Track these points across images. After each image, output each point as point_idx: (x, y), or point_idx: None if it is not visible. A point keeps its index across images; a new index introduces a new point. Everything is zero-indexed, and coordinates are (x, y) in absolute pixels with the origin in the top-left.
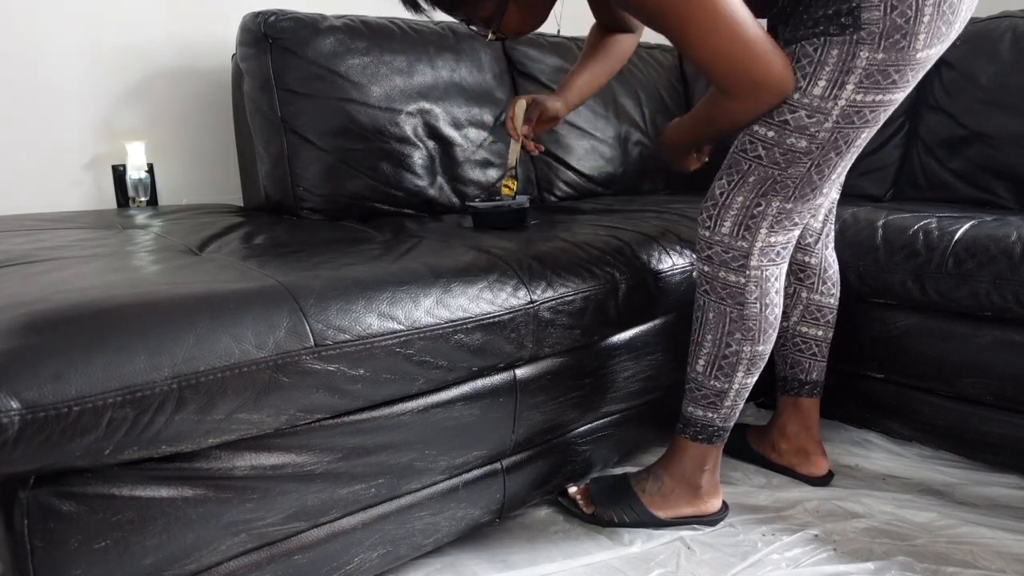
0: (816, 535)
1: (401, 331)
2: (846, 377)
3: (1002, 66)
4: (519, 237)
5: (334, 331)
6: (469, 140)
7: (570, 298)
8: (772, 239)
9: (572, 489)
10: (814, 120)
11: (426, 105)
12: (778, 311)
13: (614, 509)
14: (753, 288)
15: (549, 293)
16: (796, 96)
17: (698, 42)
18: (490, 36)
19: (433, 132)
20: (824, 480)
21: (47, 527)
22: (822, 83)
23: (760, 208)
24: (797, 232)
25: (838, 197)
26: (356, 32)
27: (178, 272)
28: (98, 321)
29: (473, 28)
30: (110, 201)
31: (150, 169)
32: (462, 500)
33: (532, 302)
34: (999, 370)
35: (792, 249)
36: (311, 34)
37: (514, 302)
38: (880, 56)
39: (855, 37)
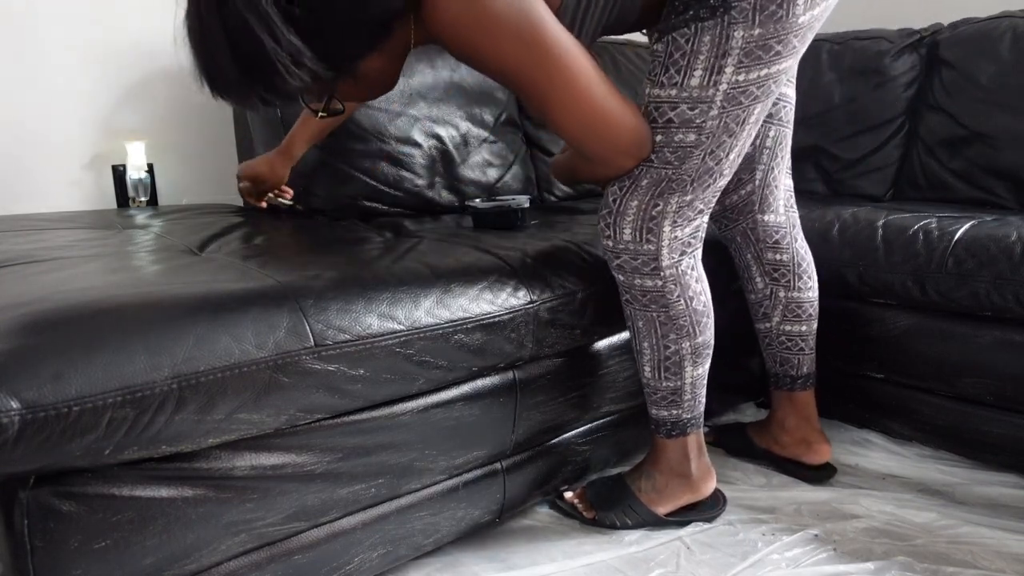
0: (816, 535)
1: (401, 331)
2: (846, 377)
3: (1002, 66)
4: (519, 237)
5: (334, 331)
6: (469, 140)
7: (570, 298)
8: (677, 233)
9: (569, 494)
10: (697, 111)
11: (426, 105)
12: (705, 297)
13: (615, 513)
14: (672, 287)
15: (549, 293)
16: (674, 92)
17: (558, 111)
18: (320, 114)
19: (433, 132)
20: (828, 467)
21: (47, 527)
22: (698, 72)
23: (659, 208)
24: (704, 218)
25: (791, 184)
26: None
27: (178, 272)
28: (98, 321)
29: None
30: (110, 201)
31: (150, 169)
32: (462, 500)
33: (532, 302)
34: (999, 370)
35: (703, 234)
36: None
37: (514, 302)
38: (757, 32)
39: (726, 19)
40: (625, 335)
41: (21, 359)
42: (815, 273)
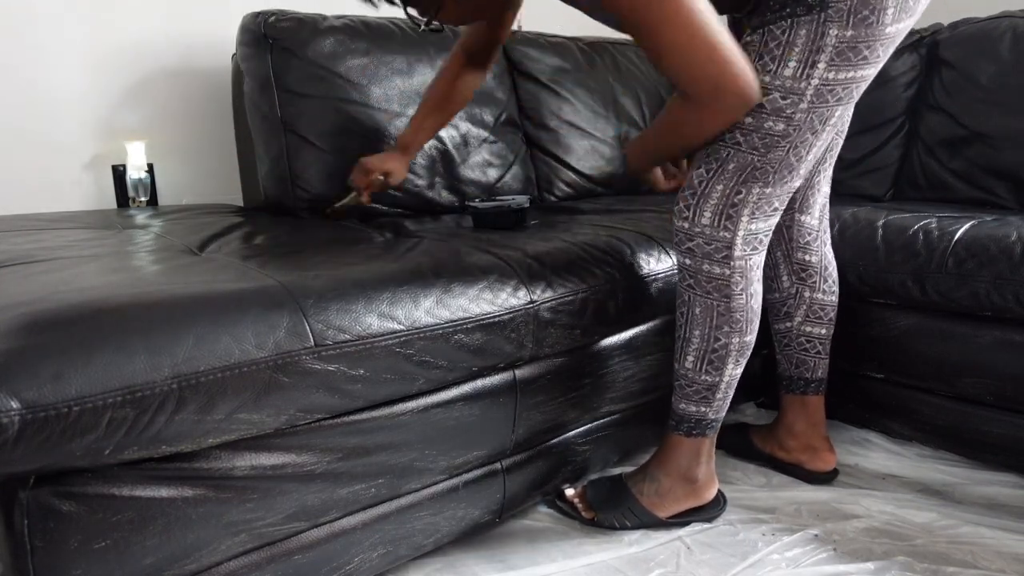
0: (816, 535)
1: (401, 331)
2: (846, 377)
3: (1002, 66)
4: (519, 237)
5: (334, 331)
6: (469, 140)
7: (570, 298)
8: (753, 226)
9: (569, 492)
10: (788, 101)
11: None
12: (760, 299)
13: (615, 514)
14: (739, 279)
15: (549, 293)
16: (767, 79)
17: (671, 45)
18: (423, 25)
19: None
20: (832, 475)
21: (47, 527)
22: (792, 64)
23: (740, 196)
24: (777, 218)
25: (829, 191)
26: (356, 32)
27: (178, 272)
28: (98, 321)
29: (411, 16)
30: (110, 201)
31: (150, 169)
32: (462, 500)
33: (532, 302)
34: (999, 370)
35: (771, 236)
36: (311, 34)
37: (514, 302)
38: (849, 33)
39: (822, 16)
40: (625, 335)
41: (21, 359)
42: (838, 280)
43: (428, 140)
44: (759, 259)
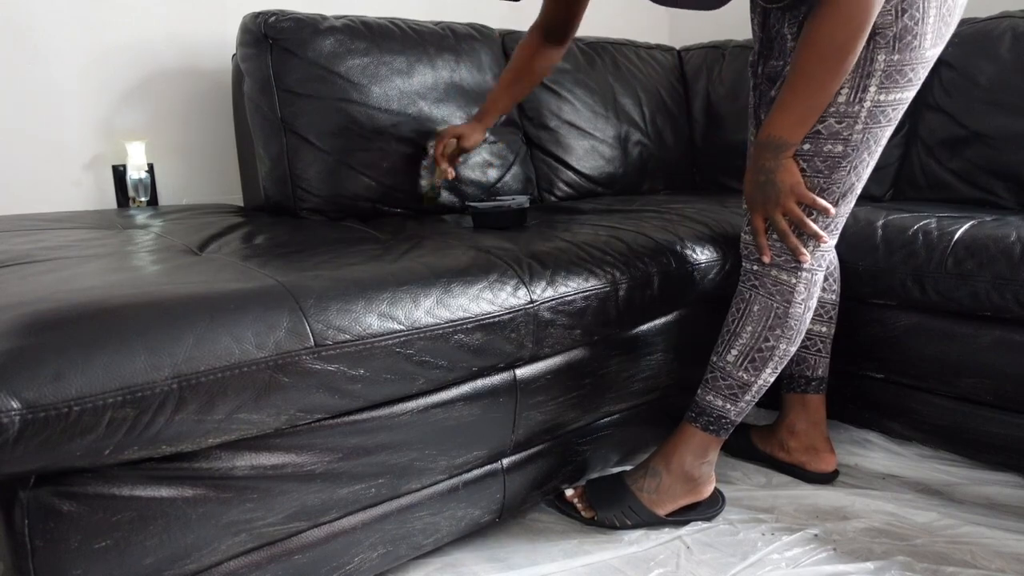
0: (816, 535)
1: (401, 331)
2: (846, 377)
3: (1002, 66)
4: (519, 237)
5: (334, 331)
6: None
7: (570, 298)
8: (822, 244)
9: (569, 492)
10: (844, 125)
11: (426, 105)
12: (811, 315)
13: (615, 513)
14: (802, 289)
15: (549, 293)
16: None
17: None
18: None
19: (433, 132)
20: (832, 476)
21: (47, 527)
22: (845, 91)
23: (812, 217)
24: (833, 241)
25: None
26: (356, 32)
27: (178, 272)
28: (98, 321)
29: None
30: (110, 201)
31: (150, 169)
32: (462, 500)
33: (532, 302)
34: (999, 370)
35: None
36: (311, 34)
37: (514, 302)
38: (896, 57)
39: (871, 44)
40: (625, 335)
41: (21, 359)
42: (840, 279)
43: (506, 111)
44: (821, 276)
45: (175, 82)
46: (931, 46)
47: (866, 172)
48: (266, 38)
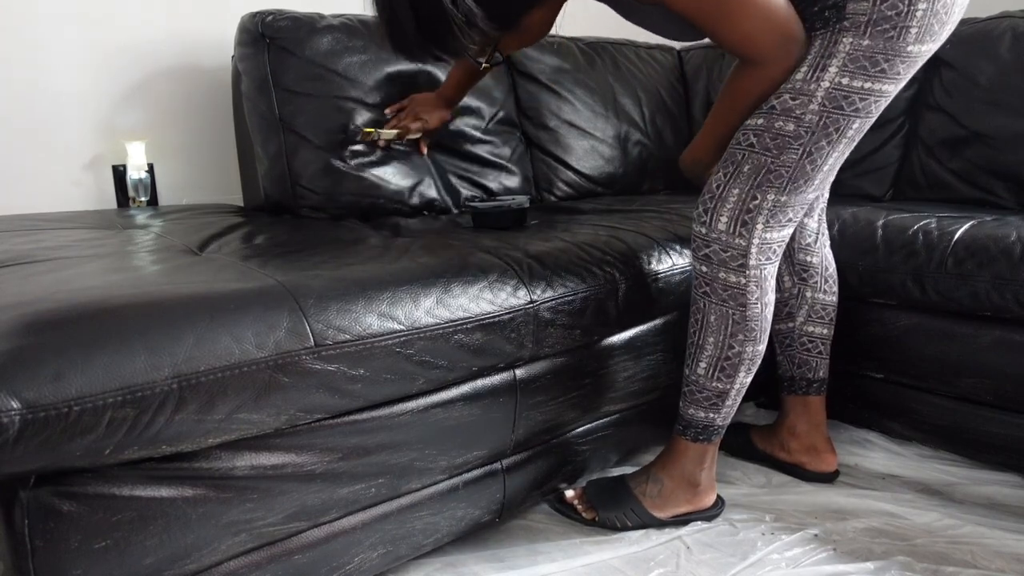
0: (816, 535)
1: (401, 331)
2: (846, 377)
3: (1002, 66)
4: (519, 237)
5: (334, 331)
6: (468, 139)
7: (570, 298)
8: (768, 235)
9: (569, 493)
10: (798, 102)
11: None
12: (772, 309)
13: (616, 514)
14: (754, 288)
15: (549, 293)
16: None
17: (740, 15)
18: (484, 65)
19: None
20: (832, 476)
21: (47, 527)
22: (803, 69)
23: (756, 202)
24: (791, 230)
25: (828, 195)
26: (354, 31)
27: (178, 272)
28: (98, 321)
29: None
30: (110, 201)
31: (150, 169)
32: (462, 500)
33: (532, 302)
34: (999, 370)
35: (784, 248)
36: (308, 33)
37: (514, 302)
38: (866, 42)
39: (838, 27)
40: (625, 335)
41: (21, 359)
42: (838, 280)
43: (461, 95)
44: (773, 269)
45: (175, 82)
46: (916, 42)
47: (828, 164)
48: (263, 37)
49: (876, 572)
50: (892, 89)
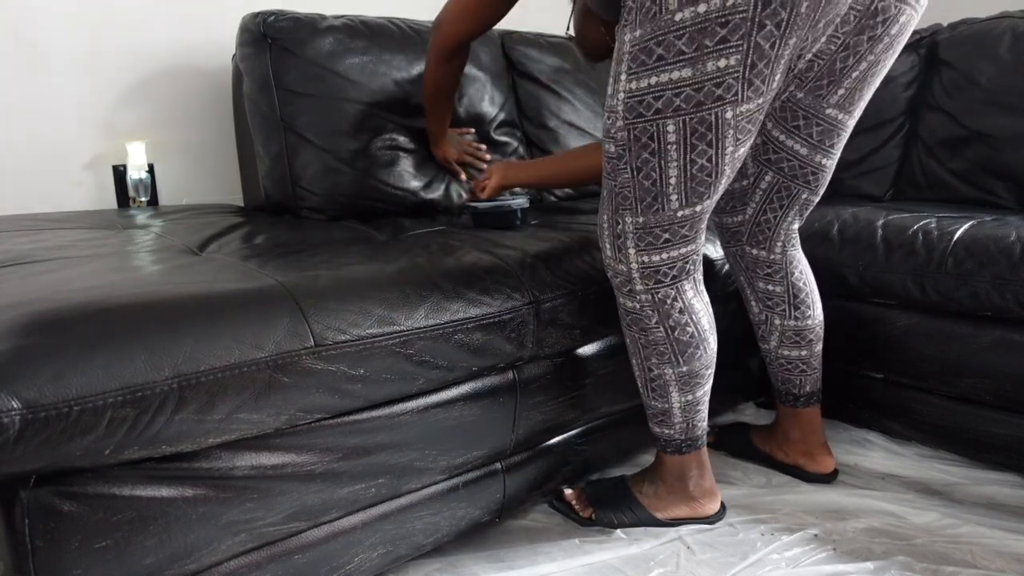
0: (816, 535)
1: (401, 331)
2: (846, 377)
3: (1002, 66)
4: (519, 237)
5: (334, 331)
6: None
7: (570, 298)
8: (646, 259)
9: (568, 492)
10: (611, 121)
11: None
12: (694, 328)
13: (613, 512)
14: (650, 312)
15: (549, 293)
16: (605, 103)
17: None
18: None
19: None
20: (831, 477)
21: (48, 527)
22: (610, 82)
23: (620, 227)
24: (681, 250)
25: (795, 230)
26: (355, 32)
27: (178, 272)
28: (98, 321)
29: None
30: (110, 201)
31: (150, 169)
32: (462, 500)
33: (532, 302)
34: (999, 370)
35: (694, 264)
36: (310, 34)
37: (514, 302)
38: (639, 33)
39: (623, 22)
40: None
41: (21, 359)
42: (817, 300)
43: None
44: (672, 292)
45: (175, 82)
46: (680, 7)
47: (668, 176)
48: (265, 38)
49: (876, 572)
50: (687, 73)
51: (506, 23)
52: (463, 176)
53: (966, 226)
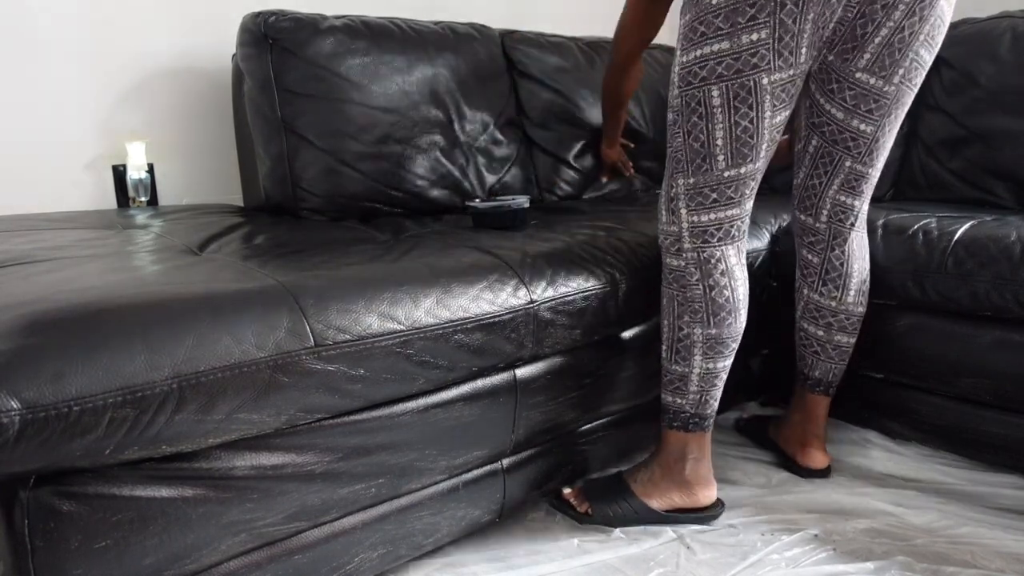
0: (816, 535)
1: (401, 331)
2: (846, 377)
3: (1002, 66)
4: (519, 237)
5: (334, 331)
6: (468, 140)
7: (570, 298)
8: (695, 219)
9: (567, 490)
10: (670, 92)
11: (425, 105)
12: (730, 293)
13: (608, 505)
14: (693, 270)
15: (549, 293)
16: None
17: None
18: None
19: (433, 132)
20: (822, 474)
21: (47, 527)
22: (675, 56)
23: (674, 190)
24: (727, 212)
25: (852, 203)
26: (356, 32)
27: (178, 272)
28: (98, 321)
29: None
30: (110, 201)
31: (150, 169)
32: (462, 500)
33: (532, 302)
34: (999, 370)
35: (738, 230)
36: (311, 34)
37: (514, 302)
38: (688, 16)
39: (683, 10)
40: (625, 335)
41: (21, 359)
42: (855, 288)
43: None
44: (718, 253)
45: (175, 82)
46: None
47: (715, 138)
48: (266, 38)
49: (876, 572)
50: (728, 46)
51: (507, 23)
52: (604, 178)
53: (966, 226)
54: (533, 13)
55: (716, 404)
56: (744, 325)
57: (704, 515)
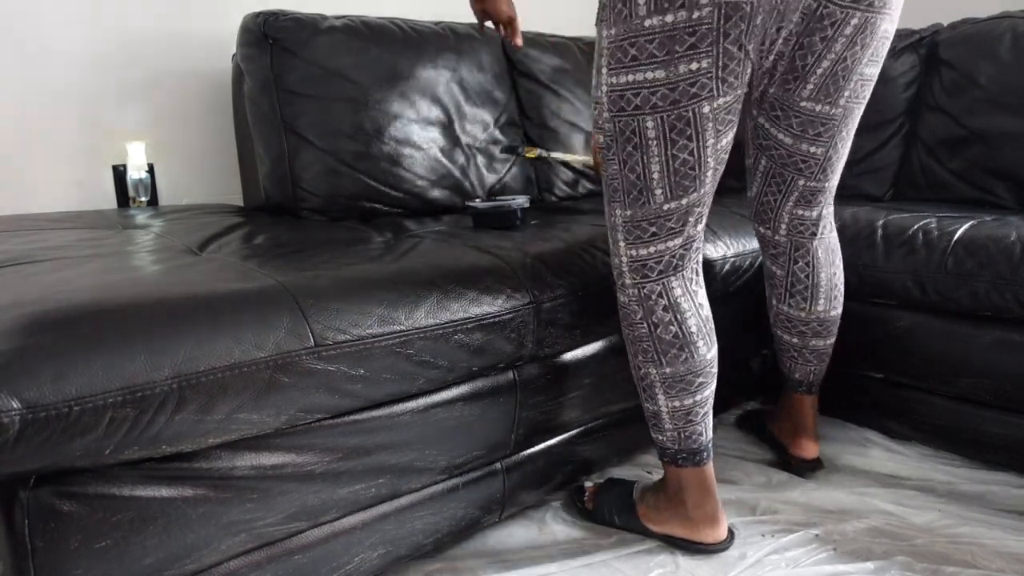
0: (816, 535)
1: (401, 331)
2: (846, 377)
3: (1002, 66)
4: (519, 237)
5: (334, 331)
6: (469, 140)
7: (570, 298)
8: (633, 252)
9: (588, 484)
10: (598, 112)
11: (426, 105)
12: (677, 328)
13: (609, 512)
14: (635, 308)
15: (549, 293)
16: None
17: None
18: None
19: (433, 132)
20: (813, 465)
21: (47, 527)
22: (594, 73)
23: (612, 220)
24: (667, 244)
25: (808, 215)
26: (356, 32)
27: (178, 272)
28: (98, 321)
29: None
30: (110, 201)
31: (150, 169)
32: (462, 500)
33: (532, 302)
34: (999, 370)
35: (682, 259)
36: (311, 34)
37: (514, 302)
38: (613, 31)
39: (599, 17)
40: None
41: (22, 359)
42: (823, 297)
43: None
44: (658, 287)
45: (175, 82)
46: (649, 14)
47: (651, 171)
48: (266, 38)
49: (876, 572)
50: (658, 75)
51: None
52: (483, 30)
53: (966, 226)
54: (533, 13)
55: (704, 437)
56: (710, 354)
57: (707, 548)
